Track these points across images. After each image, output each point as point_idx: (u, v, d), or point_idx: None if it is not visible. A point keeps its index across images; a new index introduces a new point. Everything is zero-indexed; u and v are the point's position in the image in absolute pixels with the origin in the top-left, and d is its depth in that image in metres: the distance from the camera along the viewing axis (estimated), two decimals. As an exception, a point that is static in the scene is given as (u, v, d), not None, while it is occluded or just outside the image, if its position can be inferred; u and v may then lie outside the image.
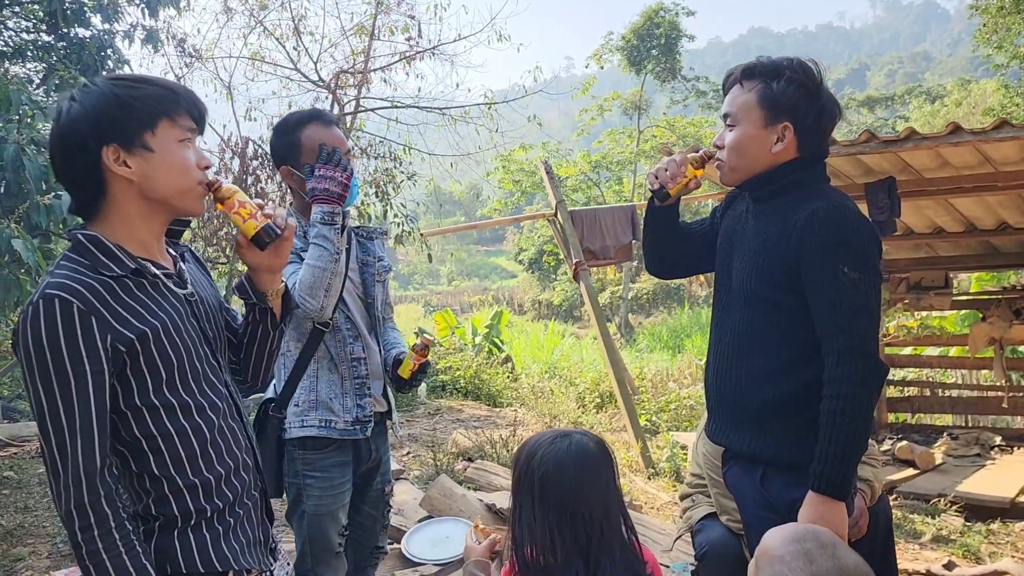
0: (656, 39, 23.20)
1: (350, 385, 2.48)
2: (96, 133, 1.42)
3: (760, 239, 1.99)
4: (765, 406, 1.96)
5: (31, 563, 4.37)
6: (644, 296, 25.77)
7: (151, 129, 1.46)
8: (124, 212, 1.48)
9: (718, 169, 2.09)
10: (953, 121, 4.87)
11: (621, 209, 6.95)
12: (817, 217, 1.88)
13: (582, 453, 1.70)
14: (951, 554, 4.27)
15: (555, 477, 1.67)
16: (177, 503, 1.49)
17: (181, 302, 1.56)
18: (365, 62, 10.58)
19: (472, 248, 52.17)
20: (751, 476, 1.98)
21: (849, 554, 1.42)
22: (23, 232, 4.13)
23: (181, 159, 1.49)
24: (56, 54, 6.36)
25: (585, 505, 1.66)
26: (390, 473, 2.75)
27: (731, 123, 2.00)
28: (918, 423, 7.86)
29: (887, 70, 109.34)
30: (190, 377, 1.53)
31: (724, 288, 2.12)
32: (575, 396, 9.07)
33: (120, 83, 1.47)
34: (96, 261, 1.43)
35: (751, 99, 1.96)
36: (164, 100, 1.48)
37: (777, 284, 1.93)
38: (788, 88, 1.92)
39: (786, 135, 1.95)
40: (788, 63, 1.96)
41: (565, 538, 1.64)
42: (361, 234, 2.70)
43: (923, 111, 32.08)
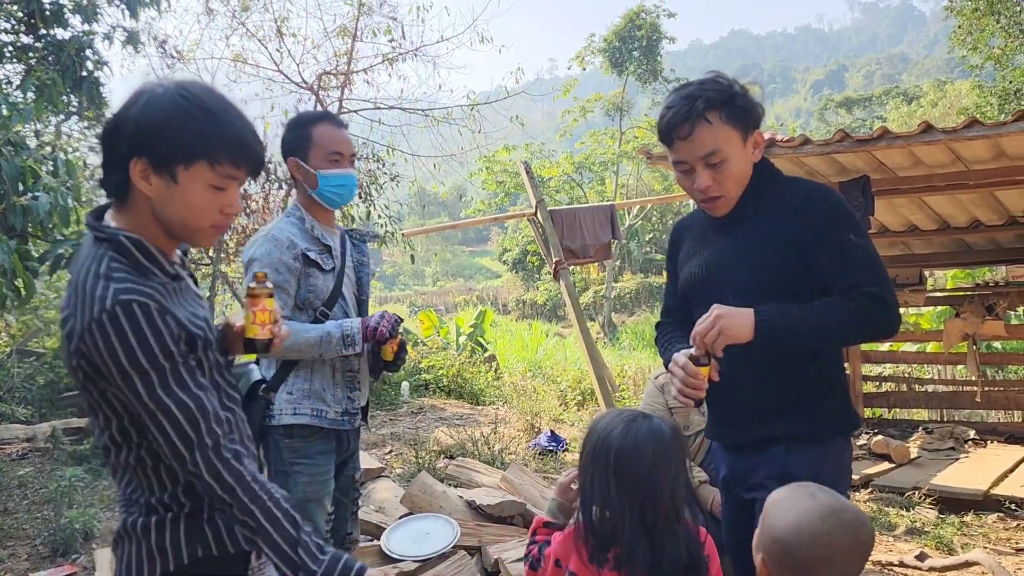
0: (637, 41, 23.29)
1: (341, 377, 2.56)
2: (132, 142, 1.41)
3: (751, 240, 2.00)
4: (789, 396, 2.00)
5: (10, 565, 4.35)
6: (627, 295, 25.90)
7: (186, 164, 1.42)
8: (143, 213, 1.49)
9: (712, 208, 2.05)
10: (925, 120, 4.95)
11: (600, 208, 7.00)
12: (810, 198, 1.98)
13: (658, 435, 1.76)
14: (924, 546, 4.34)
15: (632, 455, 1.74)
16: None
17: (203, 302, 1.63)
18: (348, 63, 10.57)
19: (457, 249, 52.14)
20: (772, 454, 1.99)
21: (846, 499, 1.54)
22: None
23: (200, 202, 1.46)
24: (35, 55, 6.33)
25: (656, 487, 1.72)
26: (359, 461, 2.82)
27: (719, 159, 1.95)
28: (894, 418, 7.97)
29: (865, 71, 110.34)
30: (215, 372, 1.58)
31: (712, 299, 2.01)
32: (557, 394, 9.12)
33: (192, 106, 1.41)
34: (139, 266, 1.45)
35: (727, 128, 1.94)
36: (215, 141, 1.42)
37: (791, 270, 1.95)
38: (747, 100, 1.97)
39: (760, 142, 2.02)
40: (724, 82, 1.97)
41: (634, 515, 1.71)
42: (355, 237, 2.81)
43: (900, 112, 32.42)
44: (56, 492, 5.04)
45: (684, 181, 2.04)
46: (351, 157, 2.60)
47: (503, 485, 4.63)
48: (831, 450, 2.02)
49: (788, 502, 1.52)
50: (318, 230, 2.57)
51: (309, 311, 2.49)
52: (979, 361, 7.30)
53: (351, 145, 2.61)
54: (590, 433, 1.84)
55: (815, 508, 1.47)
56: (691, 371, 1.94)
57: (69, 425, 6.97)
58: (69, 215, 4.76)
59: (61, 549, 4.45)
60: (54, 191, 4.60)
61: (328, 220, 2.65)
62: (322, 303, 2.51)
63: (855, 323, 1.89)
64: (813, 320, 1.88)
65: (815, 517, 1.46)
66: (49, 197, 4.53)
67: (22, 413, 7.64)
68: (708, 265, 2.12)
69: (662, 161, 6.00)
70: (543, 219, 6.78)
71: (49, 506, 5.04)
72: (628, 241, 24.81)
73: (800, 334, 1.89)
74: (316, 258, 2.50)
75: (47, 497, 5.18)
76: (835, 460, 2.03)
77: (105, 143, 1.46)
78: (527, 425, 7.22)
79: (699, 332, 1.89)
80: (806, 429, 1.98)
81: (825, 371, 2.04)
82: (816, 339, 1.93)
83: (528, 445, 6.71)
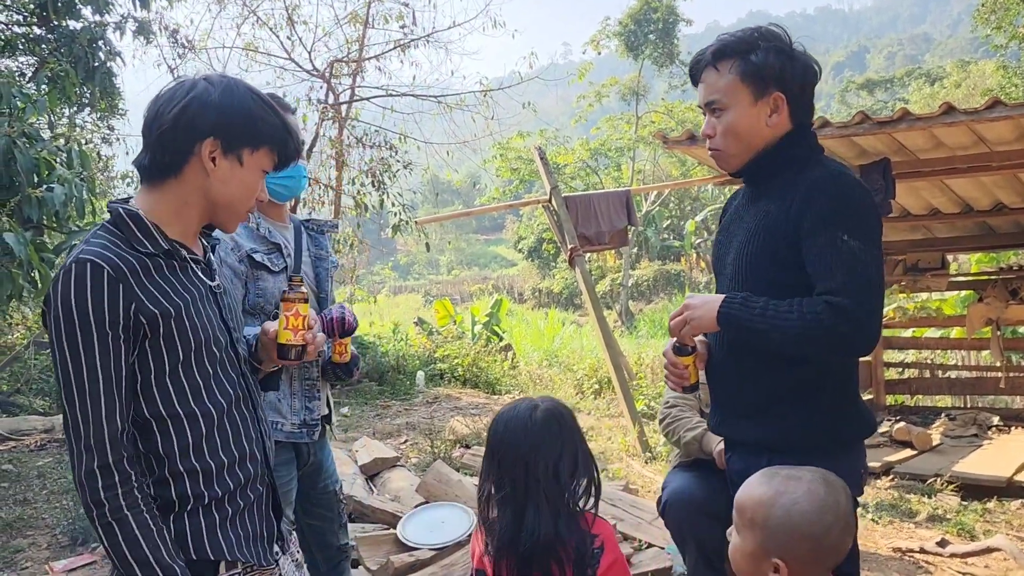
0: (653, 24, 23.07)
1: (299, 386, 2.43)
2: (213, 124, 1.50)
3: (759, 218, 1.93)
4: (770, 394, 1.91)
5: (31, 554, 4.39)
6: (644, 283, 25.78)
7: (253, 149, 1.56)
8: (181, 197, 1.54)
9: (717, 160, 2.03)
10: (946, 101, 4.85)
11: (615, 194, 6.93)
12: (817, 185, 1.83)
13: (527, 420, 1.90)
14: (945, 532, 4.28)
15: (499, 437, 1.91)
16: (176, 486, 1.49)
17: (206, 288, 1.61)
18: (360, 51, 10.55)
19: (472, 237, 52.13)
20: (756, 462, 1.90)
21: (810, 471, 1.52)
22: (15, 225, 4.13)
23: (253, 184, 1.60)
24: (47, 47, 6.34)
25: (513, 458, 1.85)
26: (336, 474, 2.72)
27: (718, 108, 1.92)
28: (916, 405, 7.89)
29: (886, 52, 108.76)
30: (206, 360, 1.55)
31: (721, 277, 2.08)
32: (573, 383, 9.09)
33: (257, 99, 1.57)
34: (132, 236, 1.49)
35: (732, 79, 1.88)
36: (278, 133, 1.59)
37: (780, 262, 1.86)
38: (768, 57, 1.86)
39: (779, 105, 1.89)
40: (757, 33, 1.90)
41: (501, 490, 1.86)
42: (312, 228, 2.63)
43: (923, 93, 31.97)
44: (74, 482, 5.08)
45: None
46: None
47: (518, 474, 4.60)
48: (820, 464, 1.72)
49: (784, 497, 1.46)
50: (265, 227, 2.40)
51: (261, 316, 2.32)
52: (1003, 347, 7.18)
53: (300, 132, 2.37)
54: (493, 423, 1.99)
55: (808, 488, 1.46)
56: (671, 359, 2.02)
57: (87, 416, 7.03)
58: (84, 206, 4.77)
59: (80, 538, 4.48)
60: (68, 182, 4.61)
61: (278, 214, 2.48)
62: (274, 307, 2.29)
63: (806, 333, 1.74)
64: (770, 319, 1.78)
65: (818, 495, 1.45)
66: (64, 188, 4.54)
67: (40, 404, 7.73)
68: (723, 238, 2.10)
69: (679, 146, 5.92)
70: (557, 206, 6.73)
71: (68, 496, 5.09)
72: (645, 228, 24.66)
73: (756, 330, 1.80)
74: (263, 259, 2.34)
75: (65, 487, 5.23)
76: None
77: (172, 125, 1.49)
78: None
79: (670, 322, 1.96)
80: (786, 440, 1.87)
81: (814, 376, 1.88)
82: (768, 341, 1.81)
83: (544, 433, 6.67)
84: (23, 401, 7.70)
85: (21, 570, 4.21)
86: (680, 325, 1.92)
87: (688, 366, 2.00)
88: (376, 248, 13.76)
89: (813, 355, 1.84)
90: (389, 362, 9.40)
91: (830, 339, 1.75)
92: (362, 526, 4.00)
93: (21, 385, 8.04)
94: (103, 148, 8.19)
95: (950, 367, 8.21)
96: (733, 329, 1.86)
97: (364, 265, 13.83)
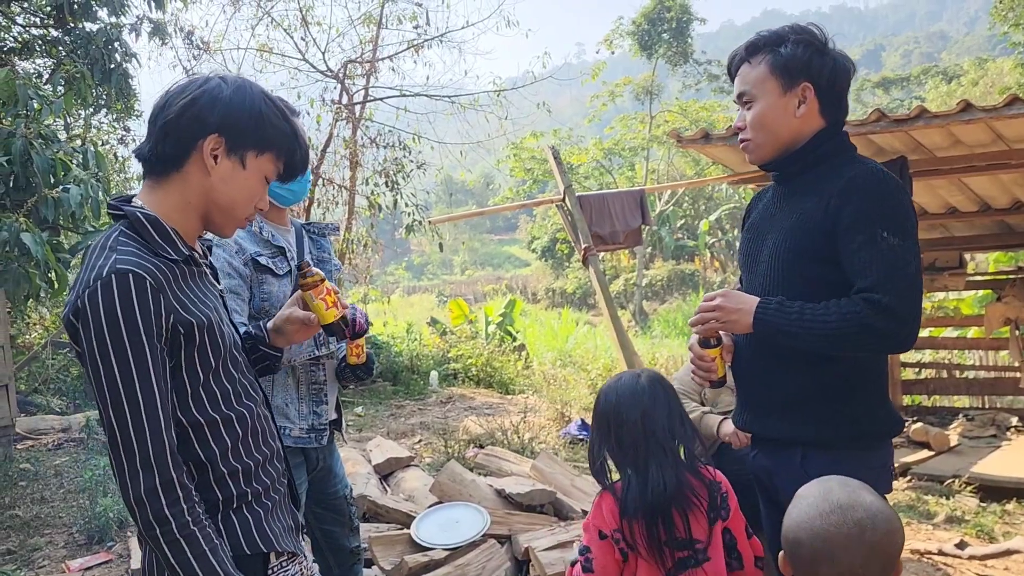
0: (667, 23, 23.01)
1: (306, 391, 2.42)
2: (219, 120, 1.47)
3: (795, 216, 1.93)
4: (804, 390, 1.90)
5: (48, 552, 4.43)
6: (658, 283, 25.69)
7: (258, 153, 1.52)
8: (184, 194, 1.50)
9: (746, 151, 2.04)
10: (964, 99, 4.80)
11: (630, 193, 6.89)
12: (855, 183, 1.82)
13: (633, 381, 2.05)
14: (964, 534, 4.24)
15: (608, 401, 2.04)
16: (220, 489, 1.49)
17: (217, 292, 1.61)
18: (373, 51, 10.58)
19: (485, 237, 52.17)
20: (788, 458, 1.93)
21: (871, 494, 1.45)
22: (32, 225, 4.17)
23: (254, 189, 1.55)
24: (64, 48, 6.38)
25: (631, 422, 1.98)
26: (346, 478, 2.71)
27: (747, 100, 1.97)
28: (934, 405, 7.81)
29: (903, 50, 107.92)
30: (231, 365, 1.54)
31: (751, 275, 2.06)
32: (587, 383, 9.07)
33: (270, 104, 1.54)
34: (153, 243, 1.44)
35: (762, 70, 1.92)
36: (285, 141, 1.55)
37: (817, 257, 1.86)
38: (796, 49, 1.89)
39: (807, 95, 1.91)
40: (790, 28, 1.94)
41: (614, 451, 2.00)
42: (313, 231, 2.63)
43: (939, 91, 31.72)
44: (91, 481, 5.12)
45: None
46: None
47: (533, 474, 4.59)
48: (852, 458, 1.85)
49: (802, 499, 1.48)
50: (268, 231, 2.40)
51: (266, 320, 2.27)
52: (1022, 347, 7.09)
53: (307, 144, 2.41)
54: (600, 394, 2.11)
55: (821, 505, 1.43)
56: (697, 352, 2.00)
57: (104, 415, 7.08)
58: (100, 207, 4.80)
59: (97, 537, 4.52)
60: (84, 183, 4.65)
61: (280, 218, 2.48)
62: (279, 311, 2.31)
63: (848, 331, 1.75)
64: (808, 322, 1.78)
65: (816, 514, 1.42)
66: (80, 189, 4.57)
67: (57, 404, 7.80)
68: (753, 236, 2.08)
69: (694, 144, 5.89)
70: (571, 205, 6.70)
71: (84, 495, 5.12)
72: (659, 228, 24.59)
73: (793, 334, 1.80)
74: (268, 263, 2.34)
75: (82, 486, 5.26)
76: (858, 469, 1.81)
77: (178, 115, 1.46)
78: (557, 414, 7.19)
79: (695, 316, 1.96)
80: (820, 435, 1.89)
81: (847, 372, 1.89)
82: (810, 343, 1.80)
83: (558, 434, 6.67)
84: (41, 400, 7.76)
85: (38, 568, 4.25)
86: (703, 320, 1.92)
87: (715, 359, 1.99)
88: (390, 248, 13.81)
89: (852, 353, 1.85)
90: (403, 362, 9.42)
91: (871, 336, 1.76)
92: (376, 526, 4.00)
93: (39, 385, 8.10)
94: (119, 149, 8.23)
95: (968, 367, 8.12)
96: (770, 334, 1.86)
97: (378, 265, 13.86)
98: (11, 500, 5.18)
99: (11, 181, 4.49)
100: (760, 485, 2.08)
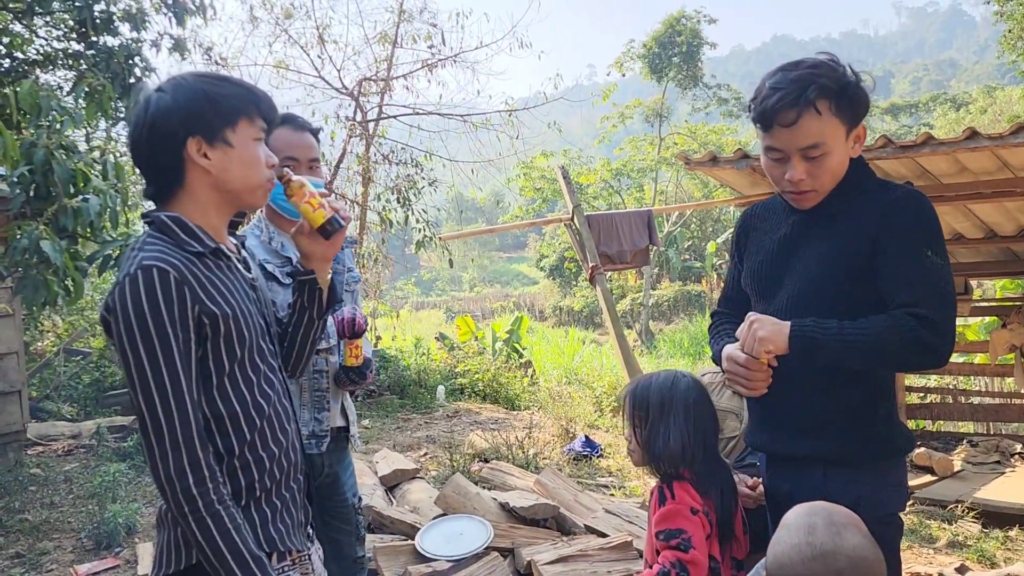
0: (677, 47, 23.19)
1: (309, 397, 2.47)
2: (185, 124, 1.52)
3: (830, 241, 1.91)
4: (830, 409, 1.90)
5: (56, 557, 4.48)
6: (665, 303, 25.68)
7: (232, 126, 1.56)
8: (198, 200, 1.58)
9: (800, 201, 1.95)
10: (970, 126, 4.86)
11: (637, 213, 6.98)
12: (900, 204, 1.84)
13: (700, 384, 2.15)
14: (965, 559, 4.25)
15: (703, 400, 2.11)
16: (232, 482, 1.54)
17: (247, 281, 1.66)
18: (388, 69, 10.71)
19: (494, 255, 52.24)
20: (809, 476, 1.93)
21: (854, 536, 1.47)
22: (51, 234, 4.24)
23: (255, 156, 1.60)
24: (85, 62, 6.50)
25: (714, 423, 2.13)
26: (356, 487, 2.75)
27: (816, 153, 1.84)
28: (938, 430, 7.81)
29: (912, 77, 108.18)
30: (256, 356, 1.60)
31: (770, 298, 2.02)
32: (592, 400, 9.10)
33: (208, 80, 1.57)
34: (179, 239, 1.52)
35: (835, 121, 1.83)
36: (245, 100, 1.59)
37: (855, 280, 1.86)
38: (860, 93, 1.85)
39: (862, 135, 1.91)
40: (840, 69, 1.84)
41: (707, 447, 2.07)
42: None
43: (948, 118, 31.75)
44: (100, 487, 5.17)
45: (774, 170, 1.92)
46: (310, 163, 2.43)
47: (536, 488, 4.63)
48: (872, 475, 1.89)
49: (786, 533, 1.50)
50: (279, 240, 2.46)
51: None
52: (1027, 373, 7.10)
53: (310, 150, 2.44)
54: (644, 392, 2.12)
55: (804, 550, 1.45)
56: (754, 365, 1.90)
57: (113, 423, 7.16)
58: (118, 217, 4.88)
59: (105, 542, 4.56)
60: (103, 193, 4.72)
61: None
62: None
63: (895, 344, 1.76)
64: (849, 338, 1.77)
65: (798, 559, 1.44)
66: (99, 199, 4.65)
67: (68, 411, 7.87)
68: (775, 259, 2.03)
69: (702, 167, 5.97)
70: (579, 224, 6.78)
71: (93, 501, 5.18)
72: (667, 248, 24.64)
73: (833, 348, 1.79)
74: (275, 271, 2.39)
75: (91, 492, 5.32)
76: (877, 486, 1.89)
77: (149, 144, 1.54)
78: (562, 430, 7.22)
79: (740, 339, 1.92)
80: (843, 452, 1.90)
81: (870, 391, 1.91)
82: (852, 358, 1.81)
83: (562, 450, 6.70)
84: (52, 407, 7.84)
85: (46, 572, 4.29)
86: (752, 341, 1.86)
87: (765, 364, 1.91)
88: (400, 264, 13.87)
89: (893, 367, 1.87)
90: (411, 376, 9.46)
91: (918, 347, 1.76)
92: (381, 536, 4.04)
93: (51, 391, 8.18)
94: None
95: (973, 392, 8.11)
96: (807, 349, 1.82)
97: (388, 280, 13.93)
98: (21, 504, 5.24)
99: (32, 190, 4.58)
100: (773, 504, 2.06)
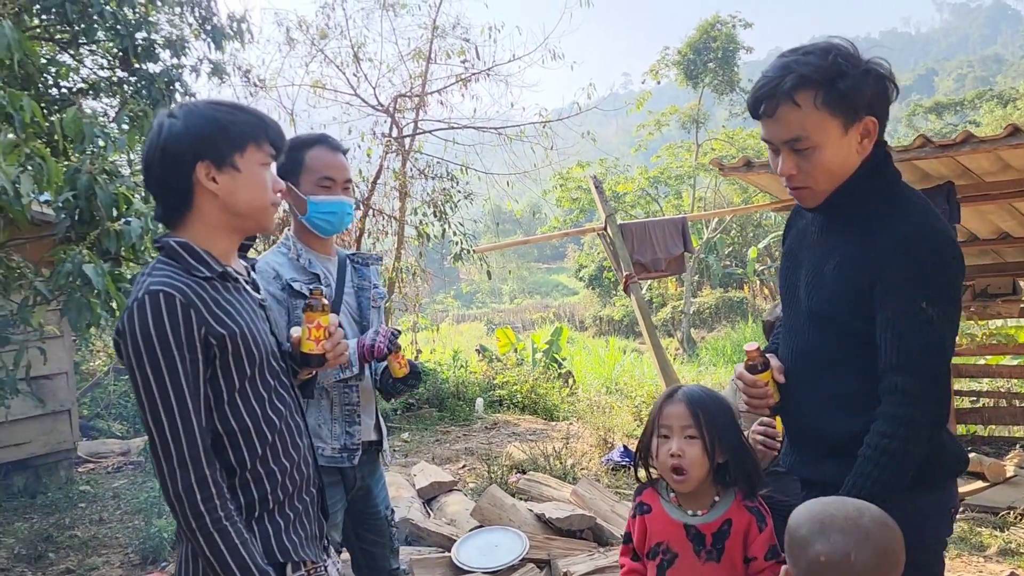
0: (713, 52, 23.02)
1: (339, 412, 2.49)
2: (194, 149, 1.60)
3: (835, 259, 1.81)
4: (847, 437, 1.77)
5: (105, 572, 4.59)
6: (707, 310, 25.38)
7: (240, 151, 1.64)
8: (206, 222, 1.65)
9: (800, 198, 1.87)
10: (1012, 123, 4.75)
11: (671, 221, 6.94)
12: (903, 245, 1.69)
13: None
14: (1017, 567, 4.13)
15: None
16: (244, 495, 1.59)
17: (255, 303, 1.72)
18: (422, 85, 10.81)
19: (533, 266, 52.24)
20: None
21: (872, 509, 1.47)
22: (95, 257, 4.36)
23: (262, 180, 1.68)
24: (129, 88, 6.69)
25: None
26: (388, 500, 2.77)
27: (802, 147, 1.74)
28: (990, 435, 7.58)
29: (956, 75, 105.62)
30: (267, 374, 1.66)
31: (792, 307, 1.97)
32: (631, 410, 9.04)
33: (218, 107, 1.66)
34: (187, 264, 1.60)
35: (821, 114, 1.70)
36: (254, 127, 1.66)
37: (855, 310, 1.76)
38: (857, 82, 1.69)
39: (871, 130, 1.74)
40: (834, 54, 1.70)
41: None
42: (357, 260, 2.72)
43: (994, 115, 30.96)
44: (146, 502, 5.29)
45: (772, 162, 1.84)
46: (345, 183, 2.51)
47: (573, 499, 4.62)
48: (912, 507, 1.67)
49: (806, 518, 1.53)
50: (306, 258, 2.50)
51: None
52: (1081, 375, 6.87)
53: (345, 171, 2.53)
54: None
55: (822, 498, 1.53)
56: (748, 380, 1.91)
57: (161, 439, 7.30)
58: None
59: (151, 557, 4.67)
60: (145, 216, 4.85)
61: (324, 248, 2.58)
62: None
63: (912, 452, 1.66)
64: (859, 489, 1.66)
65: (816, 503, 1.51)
66: (140, 222, 4.77)
67: (118, 428, 8.06)
68: (791, 265, 1.98)
69: (735, 172, 5.91)
70: (613, 233, 6.76)
71: (140, 516, 5.30)
72: (707, 255, 24.39)
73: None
74: (302, 288, 2.42)
75: (138, 507, 5.44)
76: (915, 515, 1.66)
77: (160, 168, 1.61)
78: (600, 440, 7.18)
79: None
80: None
81: None
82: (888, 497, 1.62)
83: (600, 460, 6.67)
84: (103, 425, 8.05)
85: (96, 587, 4.40)
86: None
87: (768, 383, 1.89)
88: (439, 277, 13.96)
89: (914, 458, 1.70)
90: (449, 388, 9.51)
91: (911, 445, 1.67)
92: (417, 548, 4.06)
93: (101, 410, 8.40)
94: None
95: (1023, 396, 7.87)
96: None
97: (427, 294, 14.03)
98: (71, 521, 5.38)
99: (76, 215, 4.72)
100: None
